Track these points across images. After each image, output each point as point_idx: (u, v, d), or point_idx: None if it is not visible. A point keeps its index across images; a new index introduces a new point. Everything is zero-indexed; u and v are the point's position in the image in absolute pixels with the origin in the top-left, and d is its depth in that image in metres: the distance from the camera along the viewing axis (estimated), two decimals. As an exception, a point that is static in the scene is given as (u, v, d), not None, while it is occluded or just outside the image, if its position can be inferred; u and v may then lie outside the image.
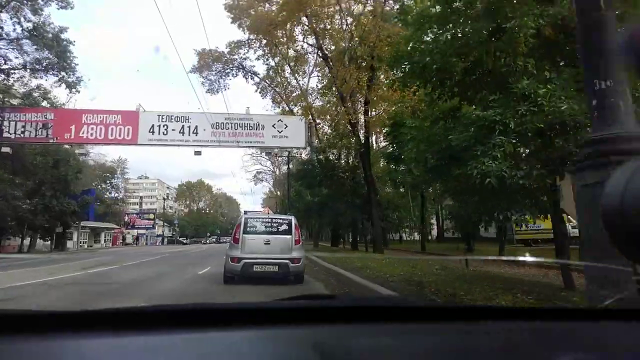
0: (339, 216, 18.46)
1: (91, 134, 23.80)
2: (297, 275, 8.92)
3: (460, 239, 37.18)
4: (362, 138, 17.56)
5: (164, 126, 24.51)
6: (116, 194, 66.16)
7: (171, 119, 24.67)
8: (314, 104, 25.02)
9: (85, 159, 46.05)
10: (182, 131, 24.60)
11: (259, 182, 57.40)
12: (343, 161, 21.81)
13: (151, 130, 24.34)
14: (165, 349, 0.86)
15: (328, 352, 0.84)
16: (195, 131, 24.63)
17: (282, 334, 0.96)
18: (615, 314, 1.18)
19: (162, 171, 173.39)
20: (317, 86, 24.60)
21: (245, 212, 13.68)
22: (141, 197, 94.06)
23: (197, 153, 24.44)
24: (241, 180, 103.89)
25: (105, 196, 62.64)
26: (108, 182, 64.77)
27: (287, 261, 8.66)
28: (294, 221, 9.41)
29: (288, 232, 9.15)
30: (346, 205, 18.91)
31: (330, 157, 21.31)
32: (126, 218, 69.16)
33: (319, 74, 25.46)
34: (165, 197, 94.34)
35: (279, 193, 57.87)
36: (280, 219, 9.84)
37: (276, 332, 0.95)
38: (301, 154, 34.99)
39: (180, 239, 78.88)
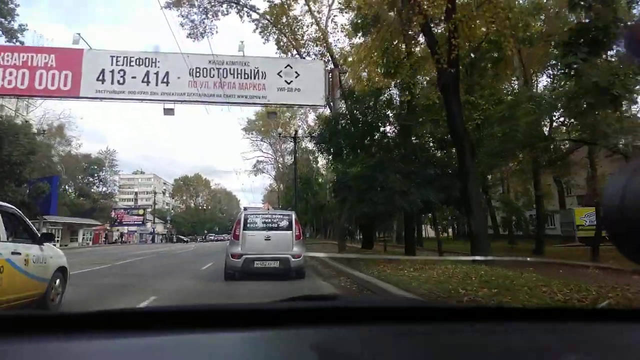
0: (398, 196, 9.97)
1: (8, 82, 16.02)
2: (299, 270, 8.91)
3: (500, 236, 29.49)
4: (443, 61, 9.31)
5: (119, 72, 16.68)
6: (104, 188, 60.31)
7: (130, 61, 16.84)
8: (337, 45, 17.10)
9: (49, 141, 38.59)
10: (146, 79, 16.80)
11: (259, 172, 50.37)
12: (395, 111, 13.29)
13: (100, 77, 16.54)
14: (162, 350, 0.85)
15: (327, 354, 0.83)
16: (165, 80, 16.84)
17: (280, 335, 0.94)
18: (616, 314, 1.17)
19: (161, 168, 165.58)
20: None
21: (245, 208, 12.29)
22: (136, 193, 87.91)
23: (168, 111, 16.65)
24: (241, 173, 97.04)
25: (92, 190, 56.58)
26: (96, 175, 58.89)
27: (288, 256, 8.68)
28: (294, 217, 9.48)
29: (288, 227, 9.19)
30: (409, 180, 10.61)
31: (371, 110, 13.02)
32: (112, 214, 61.95)
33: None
34: (158, 191, 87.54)
35: (282, 186, 50.86)
36: (280, 214, 9.95)
37: (274, 333, 0.94)
38: (310, 135, 27.22)
39: (180, 236, 72.25)
